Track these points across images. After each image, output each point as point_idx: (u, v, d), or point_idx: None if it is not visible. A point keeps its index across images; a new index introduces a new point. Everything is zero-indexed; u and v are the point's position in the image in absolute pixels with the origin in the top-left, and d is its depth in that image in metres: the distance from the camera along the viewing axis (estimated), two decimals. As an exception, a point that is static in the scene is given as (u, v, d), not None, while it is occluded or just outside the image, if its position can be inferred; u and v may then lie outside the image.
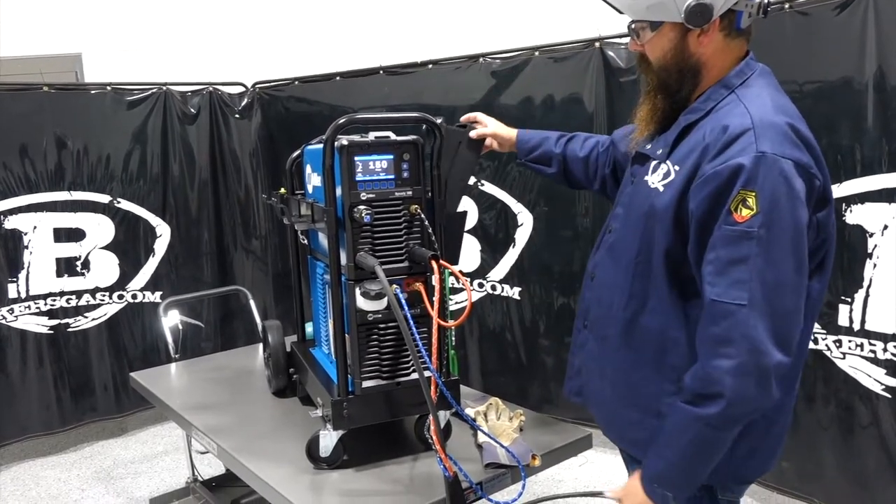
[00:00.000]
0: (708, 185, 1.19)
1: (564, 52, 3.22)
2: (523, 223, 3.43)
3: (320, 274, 1.90)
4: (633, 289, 1.35)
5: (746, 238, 1.15)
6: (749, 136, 1.18)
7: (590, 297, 1.51)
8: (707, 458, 1.26)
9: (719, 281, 1.17)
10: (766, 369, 1.16)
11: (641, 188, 1.36)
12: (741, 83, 1.29)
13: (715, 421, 1.20)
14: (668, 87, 1.34)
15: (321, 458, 1.66)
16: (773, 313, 1.15)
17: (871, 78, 2.27)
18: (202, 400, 2.18)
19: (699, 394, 1.22)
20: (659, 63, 1.33)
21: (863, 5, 2.28)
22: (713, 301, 1.18)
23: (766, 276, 1.15)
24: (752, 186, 1.14)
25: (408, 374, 1.65)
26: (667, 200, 1.26)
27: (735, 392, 1.17)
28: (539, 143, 1.84)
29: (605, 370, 1.45)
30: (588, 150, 1.80)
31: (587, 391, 1.53)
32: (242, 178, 4.18)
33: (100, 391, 3.75)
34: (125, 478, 3.38)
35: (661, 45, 1.31)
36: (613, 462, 3.21)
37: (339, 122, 1.55)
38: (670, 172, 1.28)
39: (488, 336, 3.64)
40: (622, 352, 1.39)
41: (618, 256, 1.41)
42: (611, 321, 1.41)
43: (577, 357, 1.55)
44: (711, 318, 1.19)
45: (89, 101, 3.68)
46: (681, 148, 1.29)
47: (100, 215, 3.69)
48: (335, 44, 4.58)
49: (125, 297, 3.79)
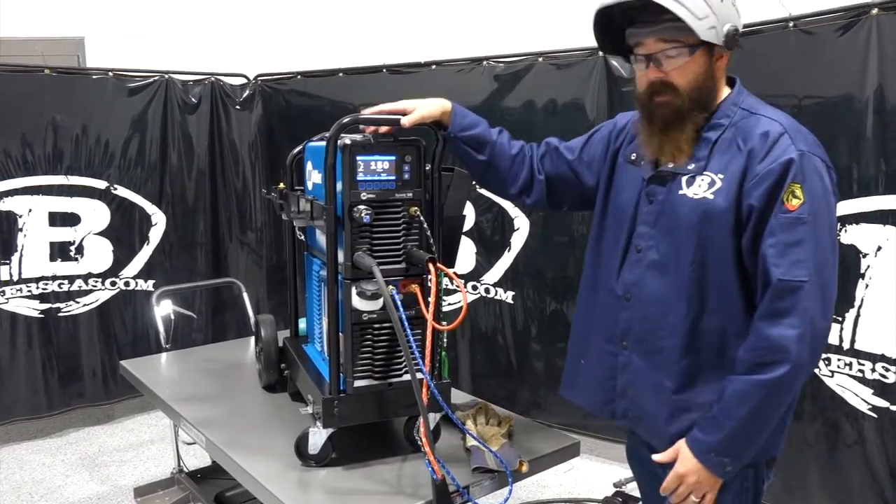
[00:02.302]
0: (765, 181, 1.32)
1: (568, 59, 3.23)
2: (519, 227, 3.44)
3: (316, 271, 1.90)
4: (691, 295, 1.41)
5: (800, 223, 1.30)
6: (786, 138, 1.34)
7: (629, 316, 1.52)
8: (765, 424, 1.36)
9: (782, 262, 1.30)
10: (820, 338, 1.33)
11: (680, 202, 1.42)
12: (743, 100, 1.44)
13: (777, 386, 1.31)
14: (703, 104, 1.42)
15: (310, 456, 1.66)
16: (822, 288, 1.31)
17: (870, 98, 2.29)
18: (191, 391, 2.17)
19: (759, 362, 1.32)
20: (691, 85, 1.40)
21: (866, 26, 2.30)
22: (780, 280, 1.30)
23: (816, 256, 1.31)
24: (798, 179, 1.31)
25: (400, 375, 1.65)
26: (724, 204, 1.37)
27: (798, 357, 1.30)
28: (476, 123, 1.67)
29: (663, 383, 1.46)
30: (517, 148, 1.71)
31: (636, 410, 1.53)
32: (240, 170, 4.18)
33: (88, 377, 3.74)
34: (110, 465, 3.37)
35: (694, 69, 1.39)
36: (599, 469, 3.23)
37: (343, 121, 1.55)
38: (715, 181, 1.39)
39: (480, 339, 3.64)
40: (686, 359, 1.43)
41: (665, 270, 1.45)
42: (666, 333, 1.45)
43: (620, 379, 1.55)
44: (776, 294, 1.31)
45: (90, 85, 3.67)
46: (714, 159, 1.40)
47: (96, 201, 3.68)
48: (339, 40, 4.57)
49: (118, 283, 3.78)
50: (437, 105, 1.65)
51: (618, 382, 1.56)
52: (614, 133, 1.64)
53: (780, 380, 1.31)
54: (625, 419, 1.57)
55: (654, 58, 1.40)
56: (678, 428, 1.45)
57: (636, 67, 1.46)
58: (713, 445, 1.37)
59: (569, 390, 1.70)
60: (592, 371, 1.61)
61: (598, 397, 1.60)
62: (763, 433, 1.37)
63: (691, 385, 1.44)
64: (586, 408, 1.65)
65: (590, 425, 3.33)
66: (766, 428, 1.37)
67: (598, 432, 3.32)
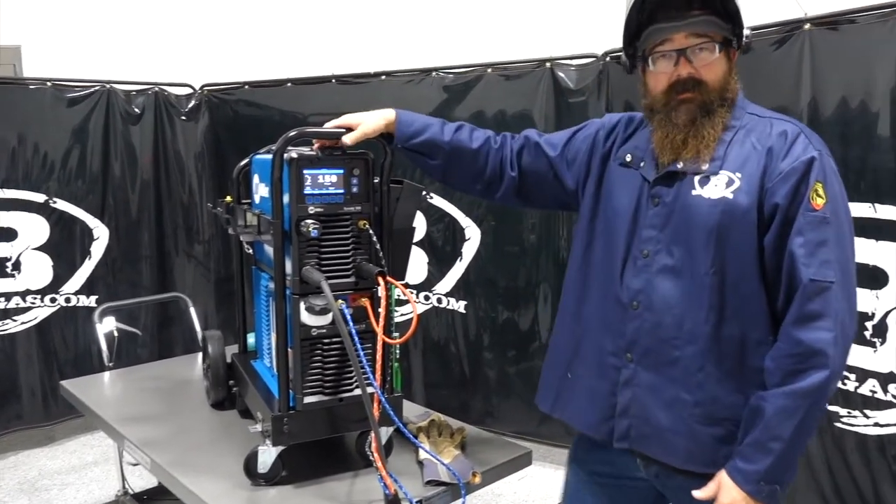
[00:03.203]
0: (790, 179, 1.29)
1: (516, 70, 3.27)
2: (471, 237, 3.45)
3: (264, 285, 1.87)
4: (710, 301, 1.34)
5: (825, 223, 1.28)
6: (803, 137, 1.32)
7: (636, 326, 1.41)
8: (808, 438, 1.30)
9: (812, 262, 1.26)
10: (850, 341, 1.29)
11: (694, 203, 1.36)
12: (747, 105, 1.43)
13: (820, 393, 1.26)
14: (729, 102, 1.39)
15: (259, 474, 1.62)
16: (848, 288, 1.29)
17: (805, 110, 2.38)
18: (136, 411, 2.11)
19: (794, 370, 1.26)
20: (721, 83, 1.38)
21: (800, 41, 2.39)
22: (811, 280, 1.26)
23: (840, 256, 1.28)
24: (821, 178, 1.29)
25: (351, 389, 1.64)
26: (746, 203, 1.32)
27: (835, 361, 1.25)
28: (424, 128, 1.61)
29: (680, 396, 1.37)
30: (480, 142, 1.64)
31: (644, 429, 1.41)
32: (186, 181, 4.09)
33: (27, 398, 3.60)
34: (51, 489, 3.24)
35: (723, 66, 1.38)
36: (553, 476, 3.25)
37: (289, 135, 1.54)
38: (733, 180, 1.34)
39: (433, 349, 3.64)
40: (706, 369, 1.35)
41: (680, 275, 1.37)
42: (682, 342, 1.36)
43: (622, 396, 1.44)
44: (807, 295, 1.26)
45: (27, 95, 3.55)
46: (730, 159, 1.36)
47: (34, 215, 3.55)
48: (287, 49, 4.54)
49: (58, 300, 3.66)
50: (381, 117, 1.61)
51: (619, 399, 1.44)
52: (602, 134, 1.57)
53: (821, 386, 1.24)
54: (626, 440, 1.44)
55: (685, 53, 1.35)
56: (699, 444, 1.36)
57: (658, 66, 1.39)
58: (762, 474, 1.27)
59: (553, 407, 1.58)
60: (586, 386, 1.50)
61: (594, 416, 1.48)
62: (805, 446, 1.30)
63: (712, 397, 1.35)
64: (578, 427, 1.55)
65: (543, 433, 3.36)
66: (807, 440, 1.29)
67: (551, 439, 3.35)
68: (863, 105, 2.27)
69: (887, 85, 2.21)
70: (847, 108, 2.30)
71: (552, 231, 3.28)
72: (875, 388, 2.34)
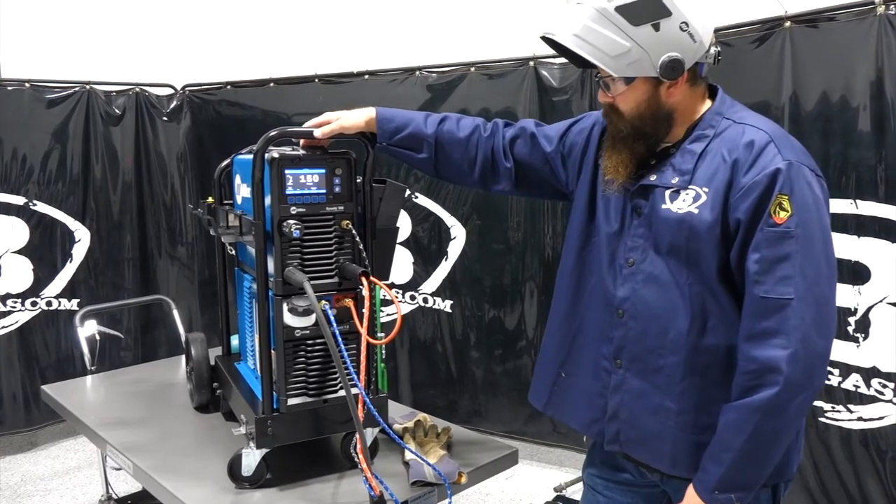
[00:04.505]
0: (751, 193, 1.27)
1: (500, 69, 3.28)
2: (456, 236, 3.45)
3: (247, 287, 1.85)
4: (693, 311, 1.34)
5: (787, 237, 1.24)
6: (772, 147, 1.28)
7: (622, 334, 1.42)
8: (770, 450, 1.28)
9: (766, 279, 1.25)
10: (815, 357, 1.25)
11: (665, 217, 1.36)
12: (727, 109, 1.39)
13: (771, 407, 1.24)
14: (644, 134, 1.38)
15: (243, 478, 1.61)
16: (816, 304, 1.25)
17: (786, 105, 2.39)
18: (119, 415, 2.09)
19: (749, 386, 1.26)
20: (633, 113, 1.37)
21: (780, 38, 2.41)
22: (762, 298, 1.25)
23: (806, 270, 1.24)
24: (786, 190, 1.25)
25: (335, 391, 1.63)
26: (710, 218, 1.31)
27: (789, 378, 1.23)
28: (405, 124, 1.61)
29: (664, 404, 1.38)
30: (468, 130, 1.63)
31: (633, 434, 1.43)
32: (169, 183, 4.06)
33: (8, 403, 3.56)
34: (34, 495, 3.20)
35: (635, 97, 1.35)
36: (539, 474, 3.26)
37: (270, 135, 1.52)
38: (700, 195, 1.33)
39: (419, 348, 3.63)
40: (689, 378, 1.35)
41: (663, 284, 1.38)
42: (667, 350, 1.37)
43: (611, 400, 1.45)
44: (760, 313, 1.25)
45: (6, 97, 3.51)
46: (699, 172, 1.34)
47: (13, 217, 3.51)
48: (270, 49, 4.49)
49: (39, 304, 3.61)
50: (362, 115, 1.60)
51: (608, 402, 1.45)
52: (598, 129, 1.55)
53: (772, 400, 1.23)
54: (616, 444, 1.45)
55: (603, 82, 1.38)
56: (683, 451, 1.37)
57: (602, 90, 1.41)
58: (715, 483, 1.29)
59: (546, 405, 1.58)
60: (581, 386, 1.51)
61: (587, 416, 1.50)
62: (770, 458, 1.29)
63: (697, 406, 1.36)
64: (573, 426, 1.56)
65: (530, 431, 3.36)
66: (771, 453, 1.29)
67: (538, 438, 3.35)
68: (843, 101, 2.29)
69: (867, 81, 2.22)
70: (828, 104, 2.32)
71: (537, 229, 3.28)
72: (858, 383, 2.36)
